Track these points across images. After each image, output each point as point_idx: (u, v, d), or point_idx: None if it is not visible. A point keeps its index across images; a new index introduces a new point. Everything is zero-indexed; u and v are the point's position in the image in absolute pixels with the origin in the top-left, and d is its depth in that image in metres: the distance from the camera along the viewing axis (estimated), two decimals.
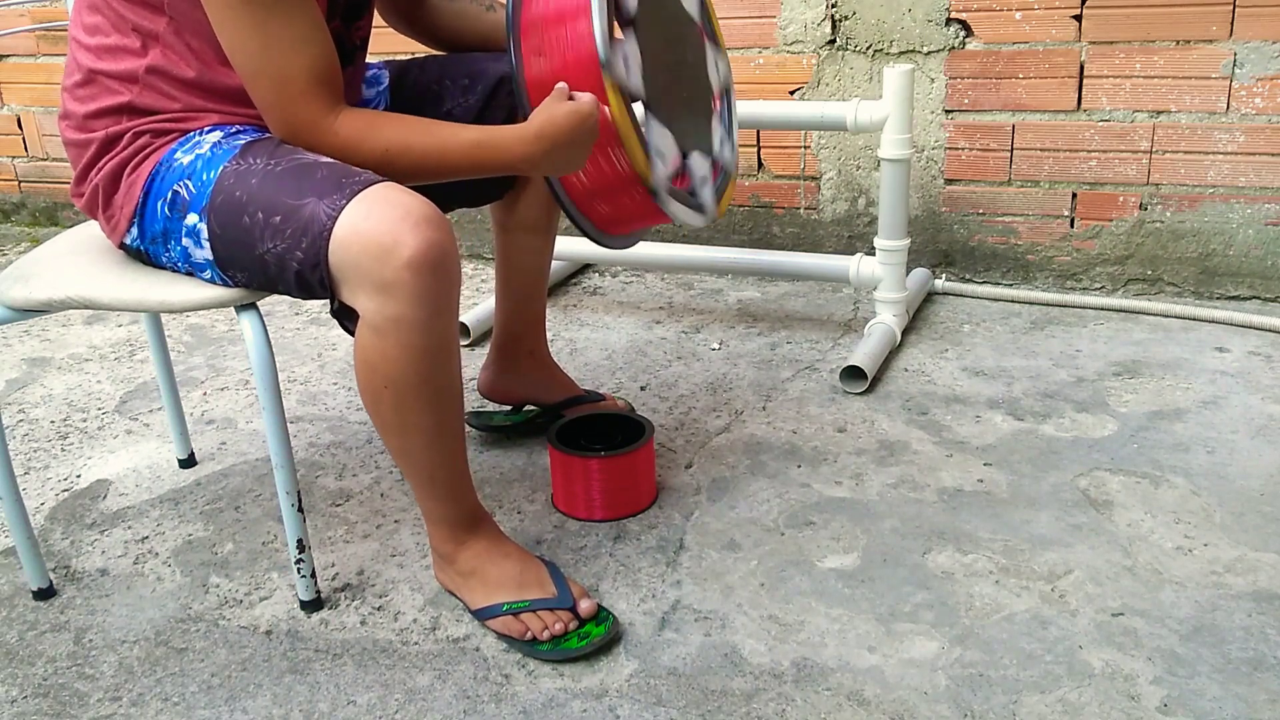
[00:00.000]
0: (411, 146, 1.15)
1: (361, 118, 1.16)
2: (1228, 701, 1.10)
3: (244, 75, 1.13)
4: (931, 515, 1.45)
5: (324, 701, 1.17)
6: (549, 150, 1.15)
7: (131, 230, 1.23)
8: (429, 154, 1.15)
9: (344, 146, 1.15)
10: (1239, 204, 2.09)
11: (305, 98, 1.12)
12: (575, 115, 1.14)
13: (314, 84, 1.12)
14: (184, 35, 1.16)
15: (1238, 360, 1.88)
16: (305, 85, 1.12)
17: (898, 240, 1.95)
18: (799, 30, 2.25)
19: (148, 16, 1.16)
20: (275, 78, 1.11)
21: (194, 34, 1.16)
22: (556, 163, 1.18)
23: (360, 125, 1.15)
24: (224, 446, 1.75)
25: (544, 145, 1.15)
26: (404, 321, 1.09)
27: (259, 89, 1.13)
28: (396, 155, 1.15)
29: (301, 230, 1.09)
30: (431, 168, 1.16)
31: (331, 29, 1.22)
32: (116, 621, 1.32)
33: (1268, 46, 1.97)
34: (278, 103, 1.13)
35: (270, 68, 1.11)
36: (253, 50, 1.10)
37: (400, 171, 1.15)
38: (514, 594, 1.24)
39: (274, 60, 1.10)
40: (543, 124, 1.15)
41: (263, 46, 1.10)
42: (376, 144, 1.15)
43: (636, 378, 1.93)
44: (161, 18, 1.16)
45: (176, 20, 1.16)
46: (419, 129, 1.16)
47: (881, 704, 1.12)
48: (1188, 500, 1.46)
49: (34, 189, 3.12)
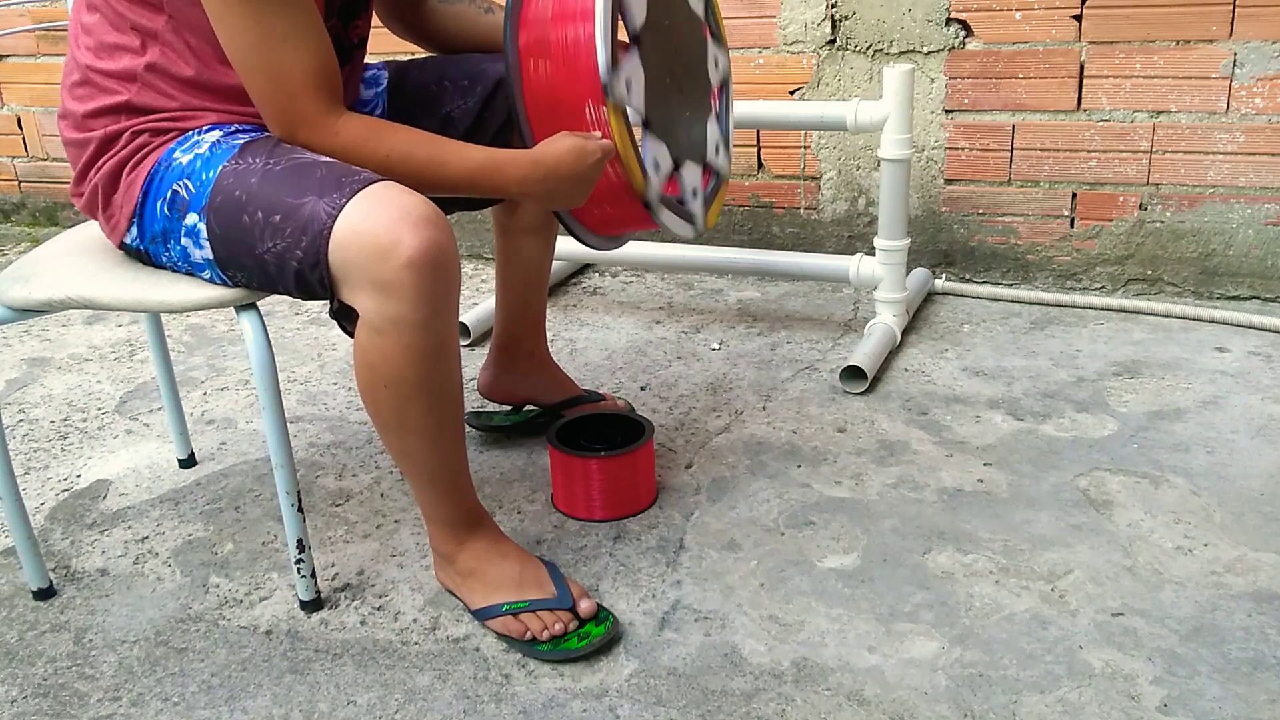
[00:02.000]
0: (413, 158, 1.15)
1: (365, 123, 1.16)
2: (1228, 701, 1.10)
3: (242, 72, 1.13)
4: (931, 515, 1.45)
5: (324, 701, 1.17)
6: (545, 180, 1.16)
7: (131, 230, 1.23)
8: (429, 167, 1.15)
9: (344, 149, 1.14)
10: (1239, 204, 2.09)
11: (303, 94, 1.12)
12: (580, 152, 1.15)
13: (312, 80, 1.12)
14: (183, 33, 1.16)
15: (1238, 360, 1.88)
16: (303, 81, 1.11)
17: (898, 240, 1.95)
18: (799, 30, 2.25)
19: (147, 15, 1.16)
20: (273, 74, 1.11)
21: (193, 32, 1.16)
22: (555, 196, 1.18)
23: (363, 130, 1.15)
24: (224, 446, 1.75)
25: (542, 175, 1.15)
26: (403, 321, 1.09)
27: (256, 85, 1.13)
28: (397, 164, 1.14)
29: (301, 229, 1.09)
30: (429, 182, 1.16)
31: (329, 27, 1.22)
32: (116, 621, 1.32)
33: (1268, 46, 1.97)
34: (275, 99, 1.13)
35: (267, 64, 1.10)
36: (250, 46, 1.10)
37: (399, 179, 1.15)
38: (513, 594, 1.24)
39: (271, 56, 1.10)
40: (543, 154, 1.15)
41: (260, 41, 1.09)
42: (378, 150, 1.14)
43: (636, 378, 1.93)
44: (160, 16, 1.16)
45: (175, 18, 1.15)
46: (422, 141, 1.16)
47: (881, 704, 1.12)
48: (1188, 500, 1.46)
49: (34, 189, 3.12)
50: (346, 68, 1.28)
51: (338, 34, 1.25)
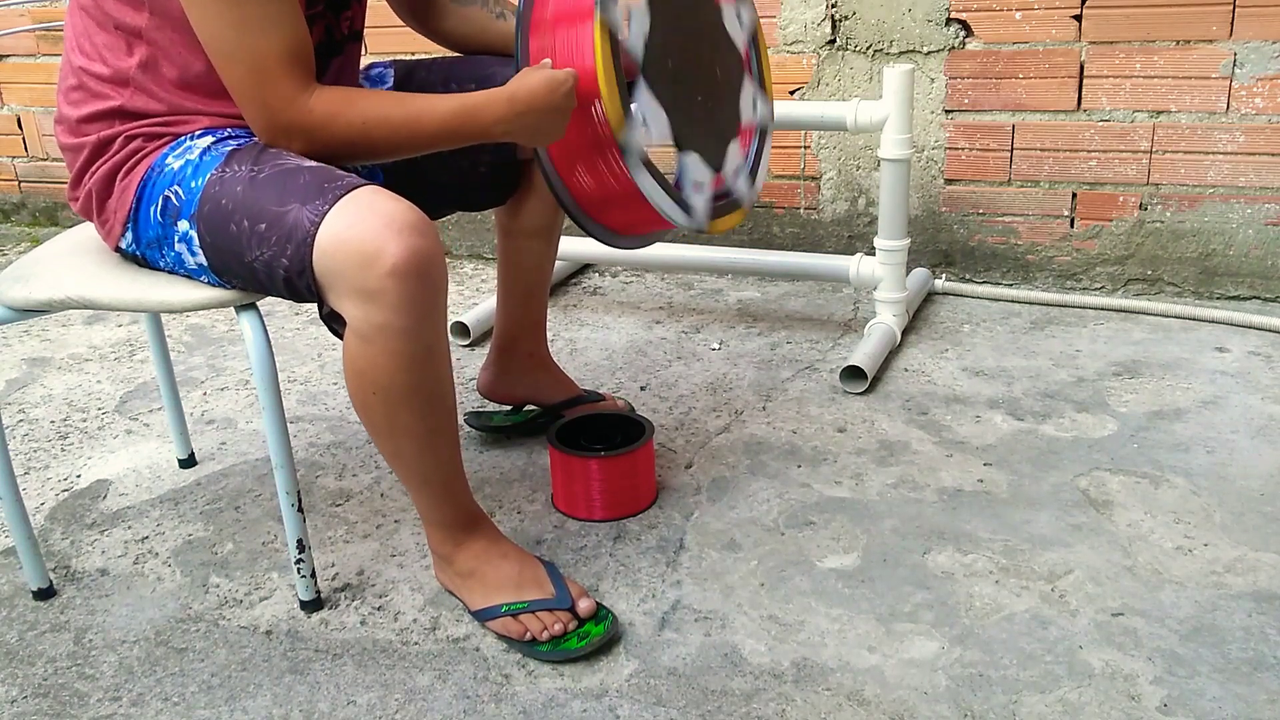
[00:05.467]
0: (389, 118, 1.14)
1: (336, 93, 1.15)
2: (1228, 701, 1.10)
3: (218, 61, 1.12)
4: (931, 515, 1.45)
5: (324, 701, 1.17)
6: (523, 115, 1.14)
7: (126, 235, 1.23)
8: (407, 124, 1.14)
9: (321, 123, 1.13)
10: (1239, 204, 2.09)
11: (279, 77, 1.11)
12: (550, 81, 1.14)
13: (287, 63, 1.11)
14: (166, 31, 1.16)
15: (1238, 360, 1.88)
16: (278, 64, 1.10)
17: (898, 240, 1.95)
18: (799, 30, 2.25)
19: (129, 13, 1.16)
20: (248, 60, 1.10)
21: (176, 29, 1.15)
22: (532, 130, 1.16)
23: (336, 100, 1.14)
24: (224, 446, 1.75)
25: (518, 110, 1.14)
26: (390, 329, 1.08)
27: (232, 73, 1.12)
28: (374, 127, 1.14)
29: (286, 237, 1.09)
30: (410, 139, 1.15)
31: (319, 16, 1.21)
32: (116, 621, 1.32)
33: (1268, 46, 1.97)
34: (251, 85, 1.11)
35: (243, 50, 1.10)
36: (225, 32, 1.09)
37: (380, 144, 1.15)
38: (512, 595, 1.24)
39: (247, 42, 1.09)
40: (516, 89, 1.14)
41: (234, 27, 1.09)
42: (354, 118, 1.14)
43: (636, 378, 1.93)
44: (142, 13, 1.15)
45: (157, 15, 1.15)
46: (395, 101, 1.15)
47: (881, 704, 1.12)
48: (1188, 500, 1.46)
49: (34, 189, 3.12)
50: (338, 59, 1.28)
51: (329, 25, 1.24)
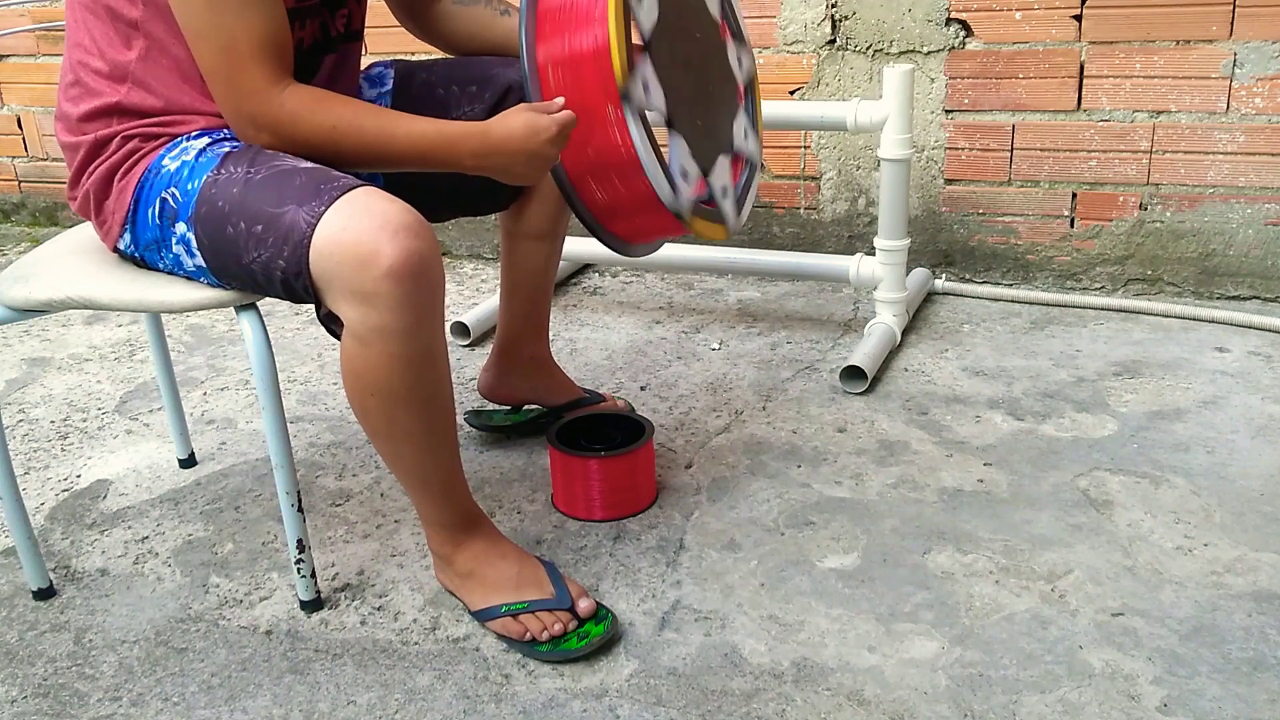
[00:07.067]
0: (362, 128, 1.13)
1: (312, 92, 1.14)
2: (1228, 701, 1.10)
3: (192, 42, 1.11)
4: (931, 515, 1.45)
5: (324, 701, 1.17)
6: (495, 155, 1.13)
7: (124, 236, 1.23)
8: (379, 138, 1.13)
9: (290, 120, 1.13)
10: (1239, 204, 2.09)
11: (251, 63, 1.10)
12: (532, 128, 1.12)
13: (260, 50, 1.10)
14: (159, 21, 1.15)
15: (1238, 360, 1.88)
16: (251, 50, 1.10)
17: (898, 240, 1.95)
18: (799, 30, 2.25)
19: (124, 4, 1.16)
20: (221, 42, 1.09)
21: (167, 18, 1.14)
22: (504, 170, 1.15)
23: (309, 99, 1.13)
24: (224, 446, 1.75)
25: (491, 148, 1.13)
26: (387, 331, 1.08)
27: (206, 55, 1.11)
28: (344, 134, 1.13)
29: (282, 239, 1.08)
30: (379, 153, 1.14)
31: (312, 12, 1.21)
32: (116, 621, 1.32)
33: (1268, 46, 1.97)
34: (223, 68, 1.11)
35: (216, 31, 1.09)
36: (201, 11, 1.09)
37: (346, 152, 1.14)
38: (512, 595, 1.24)
39: (221, 23, 1.09)
40: (494, 128, 1.13)
41: (209, 6, 1.08)
42: (324, 120, 1.13)
43: (636, 378, 1.93)
44: (137, 3, 1.15)
45: (150, 6, 1.15)
46: (371, 113, 1.14)
47: (881, 704, 1.12)
48: (1188, 500, 1.46)
49: (34, 189, 3.12)
50: (332, 56, 1.27)
51: (323, 21, 1.24)
